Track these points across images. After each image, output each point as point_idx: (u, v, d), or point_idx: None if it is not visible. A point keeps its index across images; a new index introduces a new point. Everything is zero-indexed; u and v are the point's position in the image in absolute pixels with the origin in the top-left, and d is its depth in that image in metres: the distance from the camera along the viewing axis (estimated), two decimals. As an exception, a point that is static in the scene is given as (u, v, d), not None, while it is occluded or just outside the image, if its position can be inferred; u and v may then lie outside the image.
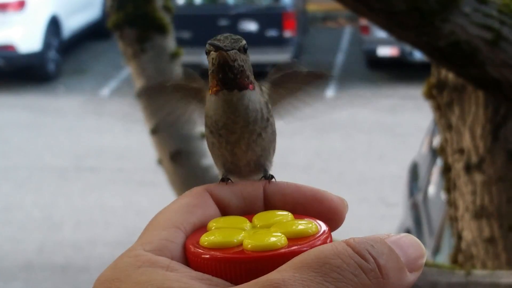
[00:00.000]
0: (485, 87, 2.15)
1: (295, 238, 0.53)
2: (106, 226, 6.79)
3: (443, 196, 4.03)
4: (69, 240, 6.57)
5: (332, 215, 0.57)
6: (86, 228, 6.77)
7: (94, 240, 6.56)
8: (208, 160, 3.20)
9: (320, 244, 0.53)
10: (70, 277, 6.07)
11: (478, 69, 2.03)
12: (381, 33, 9.97)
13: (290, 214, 0.57)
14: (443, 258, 4.05)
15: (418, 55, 10.25)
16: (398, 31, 2.08)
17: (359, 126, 9.10)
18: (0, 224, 6.88)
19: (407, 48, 10.24)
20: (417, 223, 5.01)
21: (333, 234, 0.56)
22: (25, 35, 10.62)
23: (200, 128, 3.22)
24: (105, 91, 10.59)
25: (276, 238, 0.53)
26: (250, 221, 0.56)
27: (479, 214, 2.46)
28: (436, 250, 4.32)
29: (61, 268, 6.17)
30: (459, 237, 2.54)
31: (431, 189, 5.00)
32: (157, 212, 0.57)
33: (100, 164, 8.07)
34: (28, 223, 6.87)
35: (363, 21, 10.60)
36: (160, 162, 3.23)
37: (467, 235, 2.50)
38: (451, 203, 2.57)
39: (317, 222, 0.55)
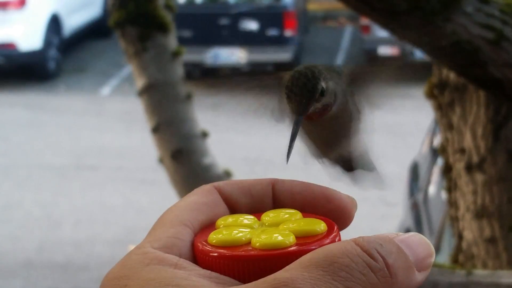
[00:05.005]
0: (486, 87, 2.15)
1: (303, 237, 0.53)
2: (106, 225, 6.79)
3: (443, 196, 4.03)
4: (69, 239, 6.57)
5: (341, 214, 0.57)
6: (86, 227, 6.77)
7: (94, 239, 6.56)
8: (209, 158, 3.20)
9: (328, 243, 0.53)
10: (70, 275, 6.07)
11: (479, 69, 2.03)
12: (381, 33, 9.97)
13: (298, 212, 0.56)
14: (444, 258, 4.05)
15: (419, 55, 10.24)
16: (399, 31, 2.08)
17: (359, 126, 9.09)
18: (0, 222, 6.88)
19: (408, 47, 10.23)
20: (417, 222, 5.01)
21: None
22: (25, 33, 10.62)
23: (200, 127, 3.21)
24: (106, 89, 10.59)
25: (284, 237, 0.53)
26: (259, 219, 0.56)
27: (480, 214, 2.46)
28: (436, 250, 4.32)
29: (61, 266, 6.17)
30: (460, 237, 2.54)
31: (432, 189, 5.00)
32: (161, 211, 0.57)
33: (101, 163, 8.07)
34: (28, 221, 6.87)
35: (364, 21, 10.59)
36: (161, 160, 3.23)
37: (468, 235, 2.49)
38: (452, 203, 2.57)
39: (325, 220, 0.55)
